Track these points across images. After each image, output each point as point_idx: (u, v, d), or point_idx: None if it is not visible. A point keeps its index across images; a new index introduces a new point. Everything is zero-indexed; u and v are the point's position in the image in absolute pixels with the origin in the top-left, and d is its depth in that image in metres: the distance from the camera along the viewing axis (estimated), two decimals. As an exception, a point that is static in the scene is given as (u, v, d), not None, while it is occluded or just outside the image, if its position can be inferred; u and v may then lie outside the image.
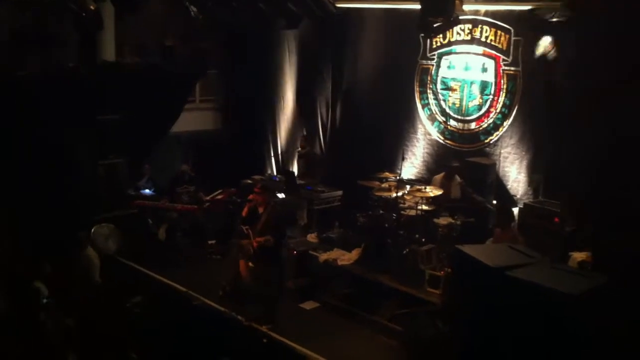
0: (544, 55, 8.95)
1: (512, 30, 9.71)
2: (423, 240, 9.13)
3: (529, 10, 9.36)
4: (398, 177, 10.04)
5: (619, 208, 6.41)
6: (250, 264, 8.41)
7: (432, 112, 10.77)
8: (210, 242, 11.07)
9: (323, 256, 9.56)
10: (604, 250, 6.74)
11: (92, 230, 10.16)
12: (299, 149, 12.59)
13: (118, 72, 10.85)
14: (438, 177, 10.02)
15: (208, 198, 11.34)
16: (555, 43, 8.83)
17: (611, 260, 6.36)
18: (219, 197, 11.51)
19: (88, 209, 10.61)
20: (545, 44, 8.88)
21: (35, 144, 9.84)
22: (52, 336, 6.22)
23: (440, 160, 10.58)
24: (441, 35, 10.46)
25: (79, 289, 7.73)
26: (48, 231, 9.25)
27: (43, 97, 9.84)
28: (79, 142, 10.54)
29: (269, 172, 13.13)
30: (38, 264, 7.85)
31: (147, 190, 11.78)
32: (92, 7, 8.53)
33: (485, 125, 10.14)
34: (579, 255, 7.91)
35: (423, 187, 9.54)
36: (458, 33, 10.35)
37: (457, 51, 10.43)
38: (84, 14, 8.45)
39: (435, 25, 9.82)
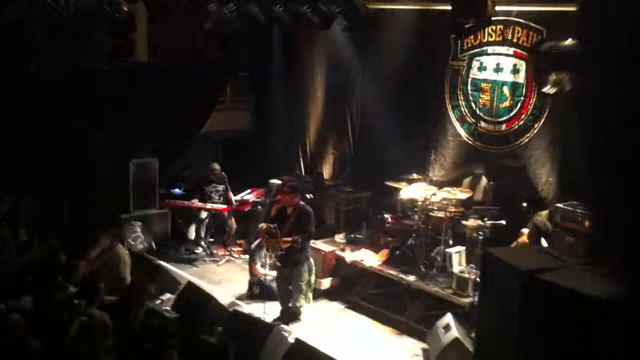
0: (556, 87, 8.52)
1: (544, 32, 9.59)
2: (451, 242, 9.07)
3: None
4: (426, 179, 9.98)
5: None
6: (278, 263, 8.45)
7: (462, 114, 10.68)
8: (238, 241, 11.15)
9: (350, 257, 9.55)
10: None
11: (123, 228, 10.30)
12: (334, 151, 12.54)
13: (150, 73, 10.99)
14: (467, 180, 10.01)
15: (237, 198, 11.41)
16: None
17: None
18: (248, 197, 11.59)
19: (119, 207, 10.77)
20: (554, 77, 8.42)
21: (67, 143, 10.01)
22: (82, 337, 6.23)
23: (470, 162, 10.49)
24: (472, 36, 10.37)
25: (109, 288, 7.80)
26: (79, 230, 9.39)
27: (75, 96, 10.00)
28: (111, 141, 10.70)
29: (298, 172, 13.14)
30: (68, 264, 7.95)
31: (177, 190, 11.91)
32: (125, 9, 8.64)
33: (516, 127, 10.01)
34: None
35: (452, 189, 9.47)
36: (489, 34, 10.23)
37: (489, 52, 10.32)
38: (117, 16, 8.56)
39: (466, 26, 9.73)
